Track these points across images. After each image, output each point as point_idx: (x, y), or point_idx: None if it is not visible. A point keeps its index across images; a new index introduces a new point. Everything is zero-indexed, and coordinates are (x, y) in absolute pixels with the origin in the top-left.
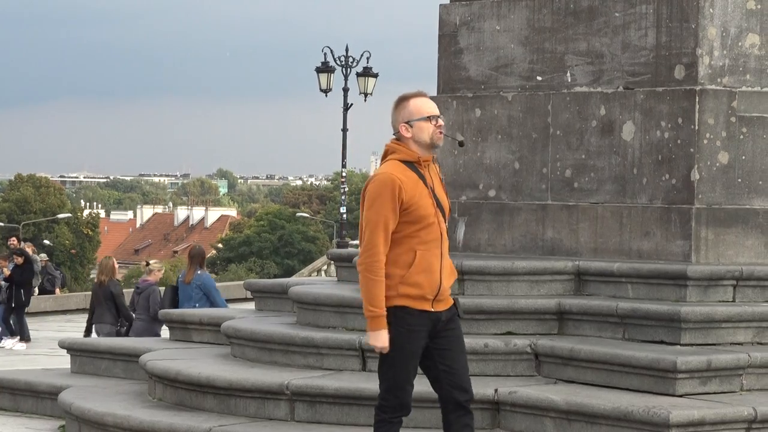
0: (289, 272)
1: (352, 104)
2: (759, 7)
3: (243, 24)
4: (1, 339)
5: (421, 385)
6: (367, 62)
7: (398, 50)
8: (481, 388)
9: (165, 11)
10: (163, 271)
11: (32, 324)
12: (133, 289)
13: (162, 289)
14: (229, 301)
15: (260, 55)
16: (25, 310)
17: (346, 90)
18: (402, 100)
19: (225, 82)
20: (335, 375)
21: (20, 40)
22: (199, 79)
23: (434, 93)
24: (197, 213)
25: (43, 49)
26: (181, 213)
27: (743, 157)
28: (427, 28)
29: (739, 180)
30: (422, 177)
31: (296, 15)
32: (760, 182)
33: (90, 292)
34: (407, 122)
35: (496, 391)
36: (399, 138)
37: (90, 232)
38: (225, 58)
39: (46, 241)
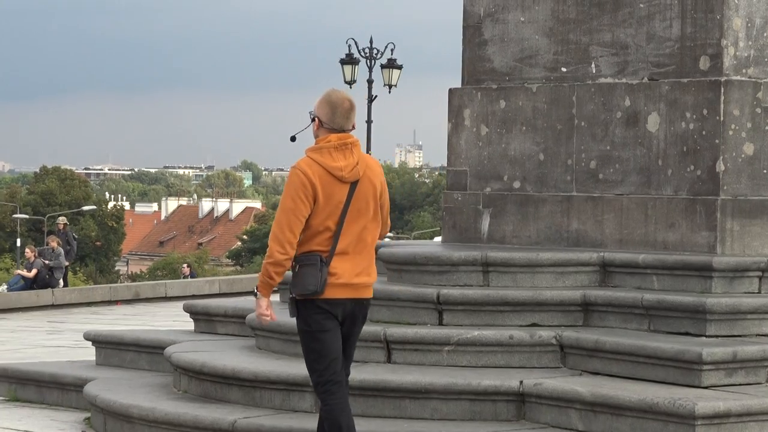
0: None
1: (376, 96)
2: None
3: (268, 17)
4: None
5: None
6: (392, 54)
7: (422, 42)
8: (507, 379)
9: (191, 5)
10: None
11: (57, 316)
12: None
13: None
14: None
15: (285, 47)
16: (51, 303)
17: (370, 82)
18: None
19: (250, 75)
20: (360, 367)
21: (47, 33)
22: (224, 72)
23: (459, 84)
24: (222, 205)
25: (69, 41)
26: (206, 205)
27: None
28: (451, 19)
29: (765, 171)
30: None
31: (320, 7)
32: None
33: (114, 284)
34: None
35: (521, 382)
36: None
37: (115, 225)
38: (250, 50)
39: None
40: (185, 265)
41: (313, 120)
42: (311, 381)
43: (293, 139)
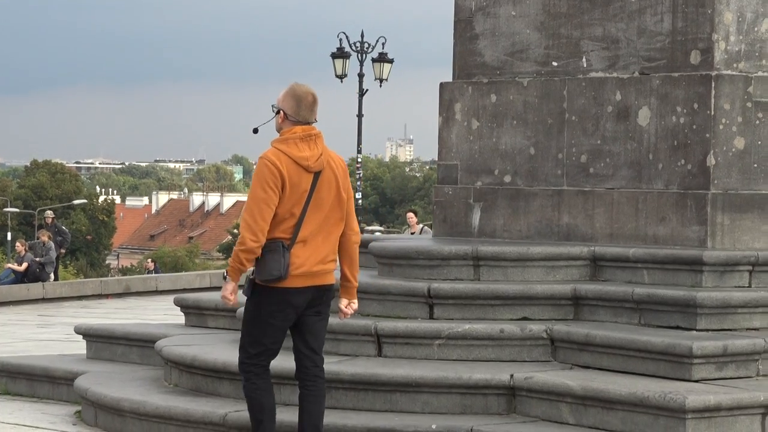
0: None
1: (367, 90)
2: None
3: (261, 11)
4: None
5: None
6: (383, 48)
7: (414, 36)
8: (497, 373)
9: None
10: None
11: (48, 309)
12: None
13: None
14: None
15: (275, 41)
16: (42, 297)
17: (361, 76)
18: None
19: (241, 69)
20: (351, 360)
21: (39, 27)
22: (214, 66)
23: (450, 78)
24: (212, 199)
25: (59, 35)
26: (197, 199)
27: (759, 143)
28: (442, 13)
29: (755, 165)
30: None
31: (314, 1)
32: None
33: (104, 278)
34: None
35: (511, 376)
36: None
37: (105, 218)
38: (240, 44)
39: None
40: (149, 261)
41: (277, 113)
42: (239, 357)
43: (256, 131)
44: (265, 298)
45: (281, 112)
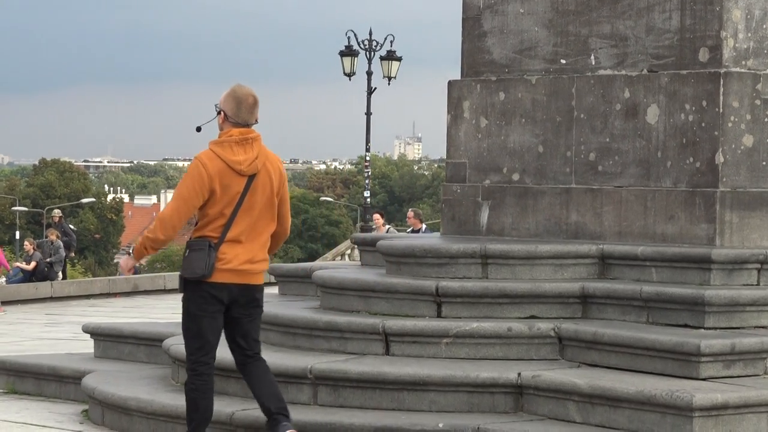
0: (313, 256)
1: (375, 88)
2: None
3: (266, 9)
4: None
5: None
6: (391, 46)
7: (422, 34)
8: (505, 371)
9: None
10: None
11: (56, 308)
12: None
13: None
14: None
15: (284, 39)
16: (50, 295)
17: (369, 74)
18: None
19: (248, 67)
20: (358, 359)
21: (44, 25)
22: (222, 64)
23: (458, 76)
24: None
25: (67, 34)
26: None
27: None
28: (450, 11)
29: (764, 163)
30: None
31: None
32: None
33: (113, 277)
34: None
35: (519, 374)
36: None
37: (114, 217)
38: (249, 43)
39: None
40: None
41: (218, 113)
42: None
43: (198, 129)
44: (193, 293)
45: (222, 112)
